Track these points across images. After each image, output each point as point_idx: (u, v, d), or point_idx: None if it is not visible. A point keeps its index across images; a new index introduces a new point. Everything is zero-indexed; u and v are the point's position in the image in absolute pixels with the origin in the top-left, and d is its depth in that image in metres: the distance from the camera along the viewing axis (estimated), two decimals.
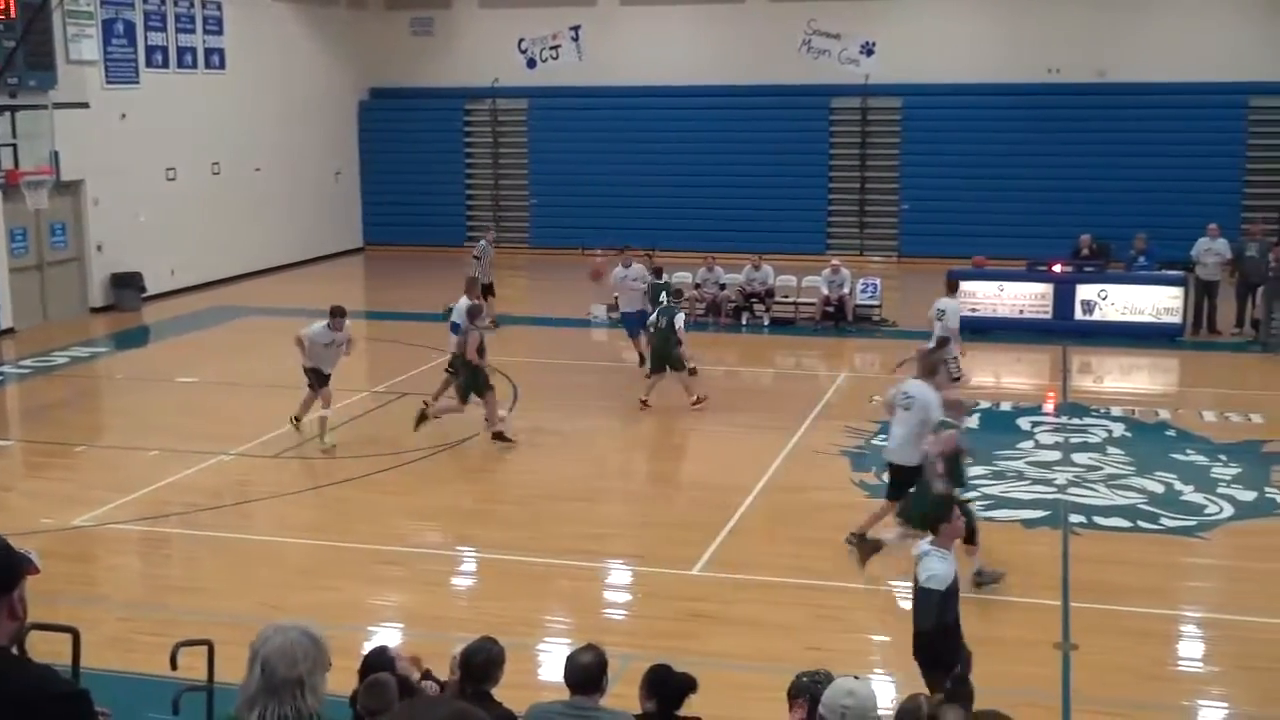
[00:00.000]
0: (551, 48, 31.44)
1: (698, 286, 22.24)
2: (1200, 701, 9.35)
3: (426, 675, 6.84)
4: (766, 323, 22.47)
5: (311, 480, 14.02)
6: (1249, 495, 13.33)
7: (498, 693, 6.02)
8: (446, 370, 16.10)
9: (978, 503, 13.11)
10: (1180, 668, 10.01)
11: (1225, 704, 9.11)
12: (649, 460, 15.33)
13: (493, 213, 32.49)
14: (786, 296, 22.67)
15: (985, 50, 28.65)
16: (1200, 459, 14.59)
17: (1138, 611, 10.56)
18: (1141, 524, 12.52)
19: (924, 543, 8.02)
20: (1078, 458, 14.66)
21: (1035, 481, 13.82)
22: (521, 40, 31.50)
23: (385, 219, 32.74)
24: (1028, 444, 15.28)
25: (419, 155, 32.12)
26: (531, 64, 31.57)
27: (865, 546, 11.20)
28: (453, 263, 30.84)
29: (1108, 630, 10.24)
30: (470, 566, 12.01)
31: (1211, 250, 21.54)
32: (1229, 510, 12.89)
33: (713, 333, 21.36)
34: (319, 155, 31.09)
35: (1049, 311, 21.57)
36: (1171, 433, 15.85)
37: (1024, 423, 16.25)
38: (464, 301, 15.98)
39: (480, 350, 15.15)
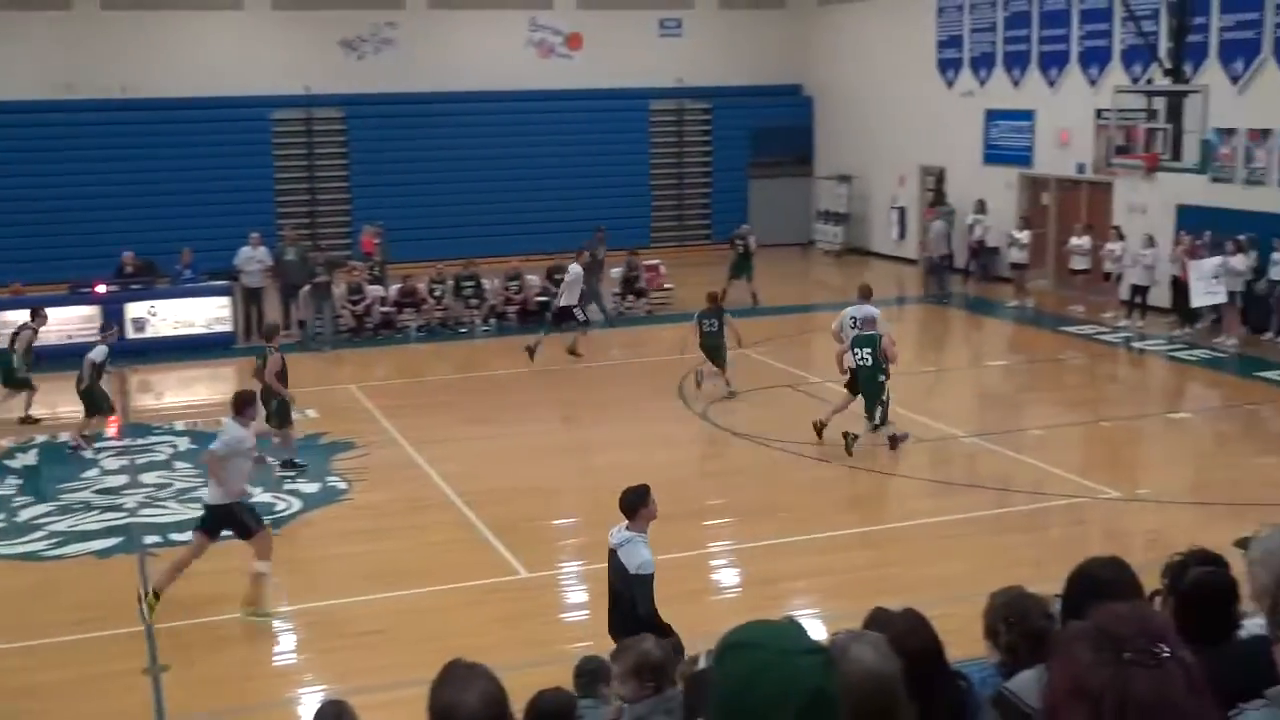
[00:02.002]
0: None
1: None
2: (299, 691, 9.67)
3: None
4: None
5: None
6: (313, 487, 14.02)
7: None
8: None
9: (44, 541, 12.45)
10: (273, 664, 10.29)
11: (317, 687, 9.49)
12: None
13: None
14: None
15: None
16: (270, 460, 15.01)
17: (226, 619, 10.61)
18: None
19: (621, 529, 7.84)
20: (146, 478, 14.42)
21: (105, 510, 13.37)
22: None
23: None
24: (93, 472, 14.73)
25: None
26: None
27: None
28: None
29: (197, 644, 10.21)
30: None
31: (254, 258, 22.29)
32: (298, 504, 13.46)
33: None
34: None
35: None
36: None
37: (85, 451, 15.59)
38: None
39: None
